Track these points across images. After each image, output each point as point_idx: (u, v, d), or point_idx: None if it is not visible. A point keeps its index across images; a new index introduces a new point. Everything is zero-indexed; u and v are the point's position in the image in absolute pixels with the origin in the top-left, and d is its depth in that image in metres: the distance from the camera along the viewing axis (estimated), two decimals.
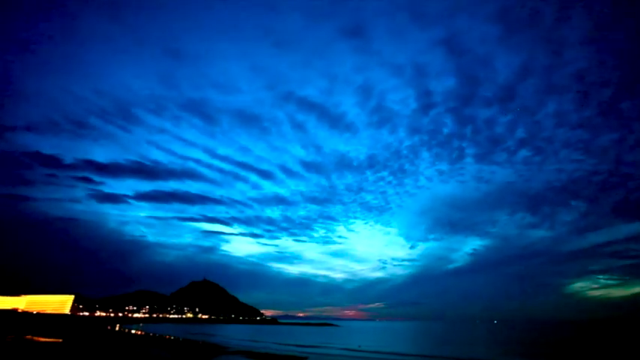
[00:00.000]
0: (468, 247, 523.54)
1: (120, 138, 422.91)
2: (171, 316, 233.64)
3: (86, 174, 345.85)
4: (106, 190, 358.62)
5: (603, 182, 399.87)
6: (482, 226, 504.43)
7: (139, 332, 74.81)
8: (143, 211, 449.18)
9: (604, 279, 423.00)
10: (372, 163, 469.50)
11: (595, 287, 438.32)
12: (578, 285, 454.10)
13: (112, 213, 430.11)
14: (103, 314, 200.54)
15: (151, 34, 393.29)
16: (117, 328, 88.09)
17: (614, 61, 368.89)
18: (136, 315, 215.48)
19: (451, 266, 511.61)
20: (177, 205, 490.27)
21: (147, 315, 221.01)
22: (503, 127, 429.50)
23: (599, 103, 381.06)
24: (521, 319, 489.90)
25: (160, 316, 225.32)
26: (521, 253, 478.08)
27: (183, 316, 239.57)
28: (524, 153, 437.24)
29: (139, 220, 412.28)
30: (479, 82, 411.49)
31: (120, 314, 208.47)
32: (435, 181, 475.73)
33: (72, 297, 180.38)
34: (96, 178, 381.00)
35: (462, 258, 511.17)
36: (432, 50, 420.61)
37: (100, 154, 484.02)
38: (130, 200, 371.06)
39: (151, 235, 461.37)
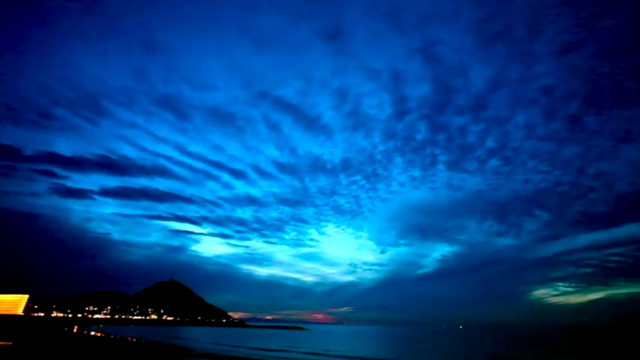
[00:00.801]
0: (436, 253, 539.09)
1: (87, 131, 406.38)
2: (135, 317, 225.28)
3: (48, 167, 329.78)
4: (70, 184, 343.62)
5: (566, 193, 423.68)
6: (452, 232, 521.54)
7: (99, 334, 71.71)
8: (109, 207, 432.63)
9: (563, 286, 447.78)
10: (345, 166, 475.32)
11: (555, 294, 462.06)
12: (540, 292, 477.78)
13: (75, 209, 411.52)
14: (61, 315, 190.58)
15: (123, 24, 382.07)
16: (75, 330, 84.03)
17: (579, 78, 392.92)
18: (96, 316, 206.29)
19: (420, 271, 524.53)
20: (145, 203, 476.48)
21: (108, 316, 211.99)
22: (475, 136, 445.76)
23: (564, 116, 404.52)
24: (487, 325, 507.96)
25: (123, 317, 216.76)
26: (488, 260, 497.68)
27: (147, 318, 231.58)
28: (493, 162, 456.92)
29: (103, 217, 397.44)
30: (453, 90, 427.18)
31: (79, 315, 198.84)
32: (407, 186, 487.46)
33: (26, 297, 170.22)
34: (59, 171, 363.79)
35: (431, 264, 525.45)
36: (408, 57, 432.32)
37: (65, 146, 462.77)
38: (94, 196, 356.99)
39: (116, 233, 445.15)
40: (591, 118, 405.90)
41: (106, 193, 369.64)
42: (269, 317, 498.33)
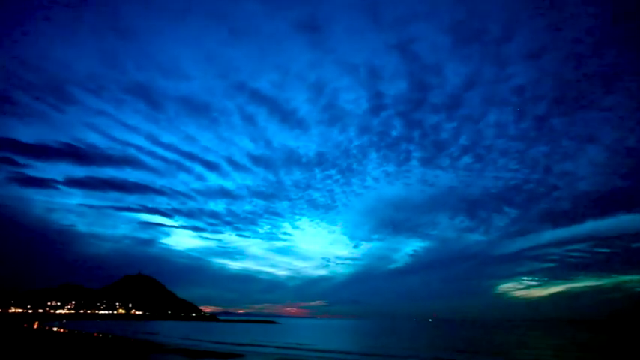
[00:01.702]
0: (409, 247, 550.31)
1: (51, 117, 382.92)
2: (101, 312, 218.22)
3: (7, 154, 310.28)
4: (32, 173, 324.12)
5: (533, 191, 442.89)
6: (424, 228, 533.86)
7: (62, 330, 69.15)
8: (74, 198, 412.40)
9: (527, 280, 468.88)
10: (321, 160, 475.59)
11: (519, 287, 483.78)
12: (506, 285, 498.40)
13: (37, 199, 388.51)
14: (20, 310, 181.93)
15: (93, 7, 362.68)
16: (35, 326, 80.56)
17: (548, 80, 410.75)
18: (59, 311, 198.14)
19: (392, 266, 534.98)
20: (113, 194, 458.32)
21: (72, 311, 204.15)
22: (449, 134, 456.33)
23: (534, 117, 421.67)
24: (455, 318, 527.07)
25: (89, 312, 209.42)
26: (458, 255, 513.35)
27: (115, 312, 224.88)
28: (466, 160, 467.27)
29: (68, 208, 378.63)
30: (429, 88, 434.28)
31: (40, 310, 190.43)
32: (381, 182, 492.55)
33: None
34: (19, 159, 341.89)
35: (403, 258, 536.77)
36: (386, 53, 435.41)
37: (26, 133, 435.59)
38: (59, 186, 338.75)
39: (82, 225, 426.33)
40: (558, 119, 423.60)
41: (72, 183, 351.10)
42: (241, 311, 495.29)
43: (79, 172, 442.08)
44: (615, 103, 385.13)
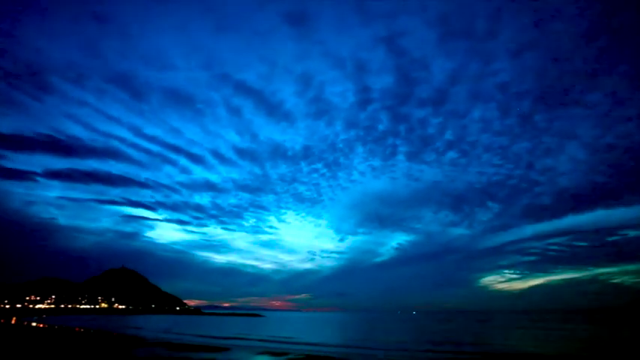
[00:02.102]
0: (394, 241, 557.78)
1: (29, 107, 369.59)
2: (83, 306, 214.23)
3: None
4: (8, 165, 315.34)
5: (515, 186, 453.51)
6: (409, 222, 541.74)
7: (41, 325, 67.64)
8: (54, 190, 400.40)
9: (509, 273, 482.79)
10: (307, 154, 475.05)
11: (501, 280, 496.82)
12: (488, 279, 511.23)
13: (15, 191, 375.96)
14: None
15: None
16: (13, 321, 78.62)
17: (532, 77, 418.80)
18: (38, 306, 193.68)
19: (377, 259, 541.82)
20: (95, 187, 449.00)
21: (52, 306, 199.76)
22: (435, 129, 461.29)
23: (517, 113, 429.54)
24: (439, 310, 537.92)
25: (69, 306, 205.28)
26: (442, 249, 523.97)
27: (97, 307, 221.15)
28: (451, 155, 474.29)
29: (48, 201, 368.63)
30: (415, 82, 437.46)
31: (18, 305, 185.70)
32: (367, 176, 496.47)
33: None
34: None
35: (388, 252, 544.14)
36: (373, 47, 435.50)
37: (2, 123, 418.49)
38: (38, 178, 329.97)
39: (62, 218, 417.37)
40: (541, 116, 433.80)
41: (52, 175, 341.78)
42: (226, 305, 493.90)
43: (59, 163, 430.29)
44: (595, 101, 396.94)
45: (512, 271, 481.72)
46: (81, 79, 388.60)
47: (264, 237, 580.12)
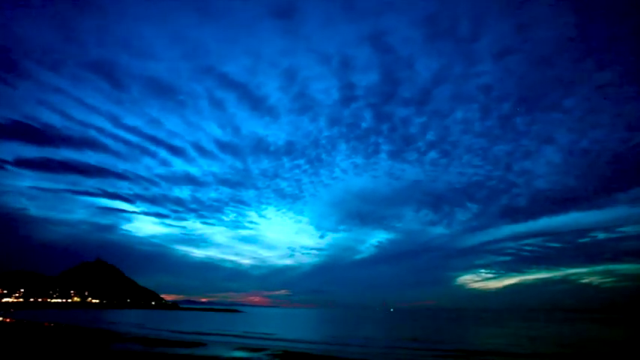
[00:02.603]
0: (374, 239, 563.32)
1: (1, 93, 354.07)
2: (54, 300, 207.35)
3: None
4: None
5: (494, 187, 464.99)
6: (389, 220, 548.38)
7: (7, 320, 65.14)
8: (26, 180, 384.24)
9: (485, 272, 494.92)
10: (289, 149, 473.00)
11: (477, 280, 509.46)
12: (464, 277, 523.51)
13: None
14: None
15: None
16: None
17: (513, 80, 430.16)
18: (5, 300, 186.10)
19: (357, 257, 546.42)
20: (70, 177, 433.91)
21: (21, 300, 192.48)
22: (417, 128, 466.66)
23: (498, 115, 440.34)
24: (416, 308, 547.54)
25: (40, 300, 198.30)
26: (421, 247, 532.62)
27: (69, 301, 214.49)
28: (432, 155, 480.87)
29: (20, 191, 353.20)
30: (400, 81, 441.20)
31: None
32: (349, 173, 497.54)
33: None
34: None
35: (368, 250, 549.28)
36: (359, 44, 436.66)
37: None
38: (8, 167, 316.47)
39: (34, 209, 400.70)
40: (521, 119, 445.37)
41: (23, 164, 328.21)
42: (204, 300, 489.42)
43: (32, 152, 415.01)
44: (573, 106, 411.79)
45: (487, 271, 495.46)
46: (57, 64, 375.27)
47: (244, 232, 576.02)
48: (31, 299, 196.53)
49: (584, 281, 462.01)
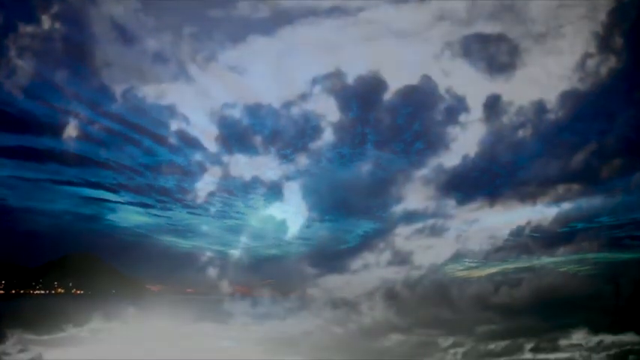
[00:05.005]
0: (360, 229, 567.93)
1: None
2: (37, 292, 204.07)
3: None
4: None
5: (478, 178, 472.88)
6: (375, 210, 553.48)
7: None
8: (4, 169, 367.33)
9: (468, 262, 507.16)
10: (275, 139, 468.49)
11: (460, 269, 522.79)
12: (450, 267, 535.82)
13: None
14: None
15: None
16: None
17: None
18: None
19: (343, 247, 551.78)
20: (51, 166, 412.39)
21: (2, 292, 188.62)
22: (403, 119, 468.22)
23: None
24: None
25: (21, 292, 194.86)
26: None
27: (52, 292, 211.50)
28: (418, 145, 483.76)
29: None
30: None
31: None
32: (335, 163, 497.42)
33: None
34: None
35: (354, 240, 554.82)
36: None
37: None
38: None
39: (13, 199, 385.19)
40: None
41: (0, 152, 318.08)
42: (190, 290, 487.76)
43: (9, 140, 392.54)
44: None
45: (471, 260, 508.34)
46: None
47: (230, 222, 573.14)
48: (13, 291, 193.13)
49: (562, 269, 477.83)
